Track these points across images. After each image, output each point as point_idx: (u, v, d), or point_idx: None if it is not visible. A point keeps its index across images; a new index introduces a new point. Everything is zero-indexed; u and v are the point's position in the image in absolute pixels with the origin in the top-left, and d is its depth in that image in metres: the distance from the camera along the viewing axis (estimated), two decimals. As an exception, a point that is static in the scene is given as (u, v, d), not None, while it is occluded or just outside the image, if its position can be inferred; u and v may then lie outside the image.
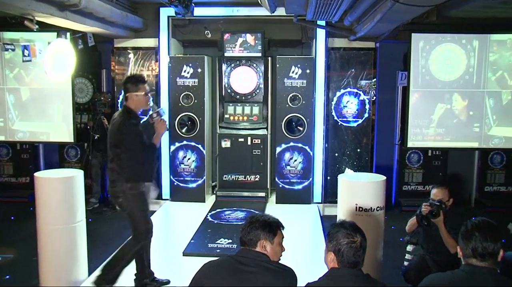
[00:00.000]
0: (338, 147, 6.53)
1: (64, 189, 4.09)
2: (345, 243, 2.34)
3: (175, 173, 6.61)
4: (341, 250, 2.33)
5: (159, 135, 3.86)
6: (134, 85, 3.81)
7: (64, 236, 4.09)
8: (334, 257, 2.36)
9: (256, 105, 6.76)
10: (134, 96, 3.79)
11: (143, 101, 3.82)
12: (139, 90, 3.80)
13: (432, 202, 3.76)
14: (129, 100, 3.81)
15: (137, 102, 3.80)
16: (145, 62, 6.61)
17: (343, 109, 6.48)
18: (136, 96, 3.78)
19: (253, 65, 6.73)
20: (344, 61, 6.44)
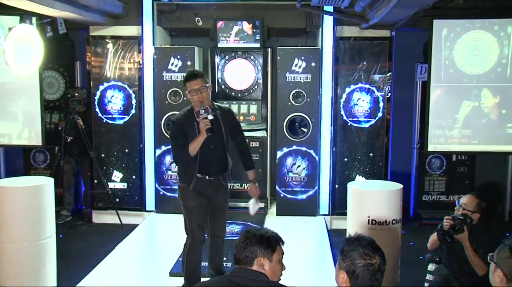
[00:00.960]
0: (348, 151, 6.52)
1: (30, 200, 4.02)
2: (362, 265, 2.31)
3: (161, 181, 6.62)
4: (356, 272, 2.31)
5: (197, 139, 4.00)
6: (184, 85, 4.07)
7: (30, 255, 4.02)
8: (346, 278, 2.32)
9: (253, 103, 6.78)
10: (187, 95, 4.09)
11: (192, 100, 4.04)
12: (186, 89, 4.06)
13: (455, 215, 3.75)
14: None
15: (191, 101, 4.07)
16: (126, 53, 6.55)
17: (353, 107, 6.46)
18: (189, 93, 4.05)
19: (250, 57, 6.74)
20: (355, 52, 6.42)
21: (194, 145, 4.01)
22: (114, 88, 6.59)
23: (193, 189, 4.11)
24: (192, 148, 4.00)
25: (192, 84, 4.03)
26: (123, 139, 6.63)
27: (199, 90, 4.02)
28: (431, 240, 3.98)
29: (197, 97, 4.01)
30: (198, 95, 4.01)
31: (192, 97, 4.03)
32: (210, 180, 4.14)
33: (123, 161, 6.66)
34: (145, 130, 6.55)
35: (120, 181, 6.68)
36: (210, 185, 4.17)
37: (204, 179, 4.12)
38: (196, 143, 3.99)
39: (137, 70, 6.58)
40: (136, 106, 6.57)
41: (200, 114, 3.96)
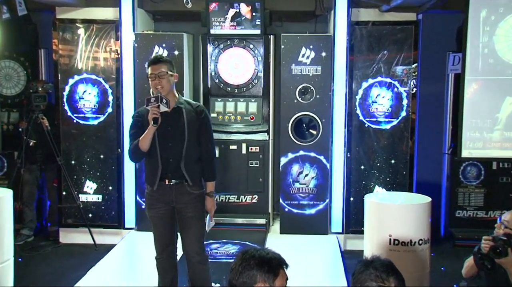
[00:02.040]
0: (365, 158, 6.51)
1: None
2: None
3: (143, 192, 6.42)
4: None
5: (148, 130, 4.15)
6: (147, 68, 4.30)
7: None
8: None
9: (253, 100, 6.80)
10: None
11: (152, 86, 4.25)
12: (148, 73, 4.27)
13: (496, 235, 3.73)
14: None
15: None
16: (101, 40, 6.52)
17: (371, 105, 6.45)
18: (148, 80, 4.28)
19: (249, 46, 6.73)
20: (374, 40, 6.40)
21: (143, 138, 4.17)
22: (87, 82, 6.56)
23: (155, 195, 4.31)
24: (141, 141, 4.17)
25: (152, 69, 4.23)
26: (98, 142, 6.61)
27: (158, 75, 4.19)
28: (466, 265, 3.95)
29: (154, 83, 4.20)
30: (156, 80, 4.19)
31: (151, 84, 4.23)
32: (169, 185, 4.29)
33: (97, 169, 6.63)
34: (124, 132, 6.49)
35: (93, 193, 6.65)
36: (171, 191, 4.31)
37: (163, 183, 4.29)
38: (145, 136, 4.16)
39: (114, 60, 6.57)
40: (113, 104, 6.56)
41: (150, 102, 4.11)
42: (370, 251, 4.01)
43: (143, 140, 4.17)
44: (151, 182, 4.32)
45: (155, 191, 4.30)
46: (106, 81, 6.56)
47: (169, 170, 4.27)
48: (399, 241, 4.04)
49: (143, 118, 4.24)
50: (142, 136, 4.18)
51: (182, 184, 4.30)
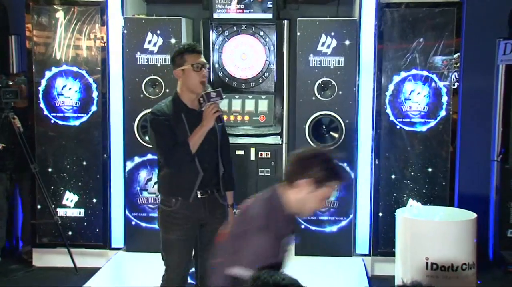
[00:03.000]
0: (397, 165, 6.43)
1: None
2: None
3: (133, 206, 6.61)
4: None
5: (200, 130, 4.27)
6: (179, 57, 4.34)
7: None
8: None
9: (263, 97, 6.75)
10: (178, 73, 4.35)
11: (192, 79, 4.31)
12: (185, 63, 4.30)
13: None
14: (178, 83, 4.42)
15: (184, 82, 4.35)
16: (83, 25, 6.45)
17: (404, 103, 6.38)
18: (183, 72, 4.32)
19: (259, 33, 6.68)
20: (407, 25, 6.31)
21: (196, 138, 4.25)
22: (67, 75, 6.51)
23: (185, 212, 4.31)
24: (193, 142, 4.25)
25: (196, 57, 4.34)
26: (80, 147, 6.57)
27: (203, 66, 4.35)
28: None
29: (201, 74, 4.31)
30: (204, 72, 4.34)
31: (195, 74, 4.30)
32: (203, 198, 4.35)
33: (79, 178, 6.59)
34: (111, 135, 6.55)
35: (74, 206, 6.60)
36: (204, 205, 4.36)
37: (196, 197, 4.34)
38: (199, 135, 4.26)
39: (99, 50, 6.53)
40: (98, 101, 6.52)
41: (210, 97, 4.26)
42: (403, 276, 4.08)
43: (198, 140, 4.26)
44: (184, 194, 4.32)
45: (184, 207, 4.31)
46: (90, 74, 6.50)
47: (205, 178, 4.36)
48: (438, 266, 4.08)
49: (169, 117, 4.32)
50: (196, 135, 4.26)
51: (213, 195, 4.41)
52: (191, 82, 4.32)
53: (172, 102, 4.39)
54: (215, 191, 4.41)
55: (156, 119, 4.35)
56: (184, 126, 4.29)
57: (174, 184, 4.38)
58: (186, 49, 4.38)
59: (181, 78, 4.35)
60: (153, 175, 6.53)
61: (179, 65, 4.34)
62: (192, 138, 4.26)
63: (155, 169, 6.41)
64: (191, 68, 4.29)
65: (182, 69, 4.31)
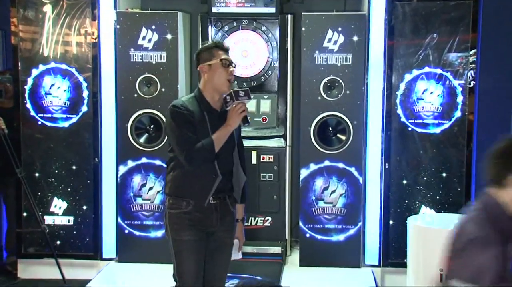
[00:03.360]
0: (408, 170, 6.40)
1: None
2: None
3: (127, 213, 6.59)
4: None
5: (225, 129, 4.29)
6: (207, 52, 4.35)
7: None
8: None
9: (265, 97, 6.78)
10: (205, 68, 4.33)
11: (219, 75, 4.30)
12: (213, 58, 4.31)
13: None
14: (201, 79, 4.40)
15: (210, 79, 4.32)
16: (73, 20, 6.42)
17: (416, 103, 6.34)
18: (209, 67, 4.30)
19: (261, 28, 6.70)
20: (420, 19, 6.26)
21: (221, 138, 4.26)
22: (55, 73, 6.48)
23: (197, 215, 4.30)
24: (218, 141, 4.24)
25: (226, 54, 4.36)
26: (69, 150, 6.54)
27: (231, 64, 4.35)
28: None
29: (229, 71, 4.31)
30: (231, 68, 4.33)
31: (223, 70, 4.29)
32: (215, 203, 4.33)
33: (68, 183, 6.56)
34: (102, 137, 6.53)
35: (63, 214, 6.57)
36: (216, 210, 4.35)
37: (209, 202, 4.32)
38: (223, 135, 4.26)
39: (90, 46, 6.51)
40: (89, 101, 6.50)
41: (239, 96, 4.26)
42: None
43: (222, 139, 4.26)
44: (199, 197, 4.29)
45: (196, 210, 4.28)
46: (80, 72, 6.48)
47: (222, 182, 4.34)
48: (456, 278, 4.07)
49: (192, 113, 4.27)
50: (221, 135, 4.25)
51: (225, 201, 4.38)
52: (217, 78, 4.29)
53: (195, 99, 4.35)
54: (227, 197, 4.39)
55: (180, 113, 4.26)
56: (206, 126, 4.25)
57: (189, 186, 4.32)
58: (215, 45, 4.40)
59: (206, 74, 4.32)
60: (148, 180, 6.55)
61: (205, 60, 4.31)
62: (216, 138, 4.23)
63: (149, 174, 6.57)
64: (219, 64, 4.28)
65: (209, 64, 4.28)
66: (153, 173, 6.55)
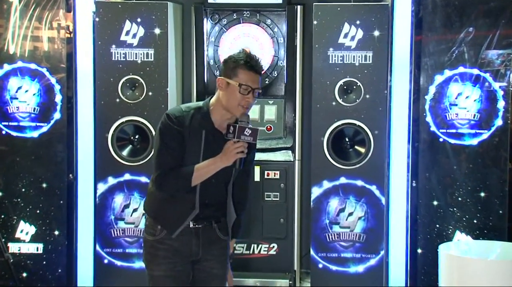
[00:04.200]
0: (440, 188, 6.32)
1: None
2: None
3: (106, 239, 6.58)
4: None
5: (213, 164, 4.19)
6: (232, 66, 4.20)
7: None
8: None
9: (271, 102, 6.79)
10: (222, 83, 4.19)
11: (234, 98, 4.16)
12: (234, 77, 4.16)
13: None
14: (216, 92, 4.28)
15: (223, 97, 4.21)
16: (44, 12, 6.37)
17: (449, 109, 6.27)
18: (227, 85, 4.17)
19: (265, 21, 6.71)
20: (454, 10, 6.19)
21: (204, 172, 4.18)
22: (23, 74, 6.46)
23: (172, 244, 4.26)
24: (199, 175, 4.17)
25: (252, 78, 4.17)
26: (39, 165, 6.51)
27: (253, 91, 4.18)
28: None
29: (246, 101, 4.16)
30: (250, 98, 4.17)
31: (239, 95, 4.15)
32: (196, 228, 4.27)
33: (37, 204, 6.51)
34: (78, 149, 6.50)
35: (31, 240, 6.53)
36: (196, 237, 4.28)
37: (188, 227, 4.27)
38: (208, 170, 4.18)
39: (64, 42, 6.48)
40: (62, 107, 6.46)
41: (244, 133, 4.16)
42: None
43: (204, 174, 4.17)
44: (170, 226, 4.25)
45: (169, 239, 4.23)
46: (52, 73, 6.44)
47: (205, 213, 4.29)
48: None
49: (183, 130, 4.20)
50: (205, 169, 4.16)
51: (210, 227, 4.32)
52: (230, 101, 4.17)
53: (198, 111, 4.25)
54: (213, 221, 4.32)
55: (168, 127, 4.19)
56: (199, 146, 4.17)
57: (161, 211, 4.29)
58: (244, 61, 4.21)
59: (222, 90, 4.20)
60: (132, 200, 6.53)
61: (227, 74, 4.19)
62: (199, 169, 4.14)
63: (133, 193, 6.62)
64: (237, 87, 4.15)
65: (227, 82, 4.16)
66: (138, 192, 6.50)
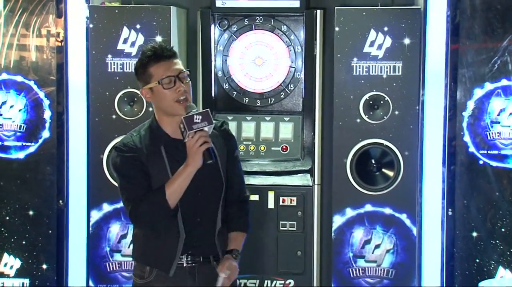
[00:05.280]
0: (480, 218, 6.07)
1: None
2: None
3: (100, 274, 6.42)
4: None
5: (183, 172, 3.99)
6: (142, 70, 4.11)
7: None
8: None
9: (287, 118, 6.59)
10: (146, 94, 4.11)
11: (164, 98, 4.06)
12: (151, 79, 4.06)
13: None
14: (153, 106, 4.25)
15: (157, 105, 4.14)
16: (31, 17, 6.26)
17: (490, 128, 6.05)
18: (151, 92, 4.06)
19: (280, 27, 6.49)
20: (495, 15, 5.94)
21: (177, 185, 3.99)
22: (8, 88, 6.32)
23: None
24: (172, 190, 3.98)
25: (166, 67, 4.03)
26: (25, 189, 6.36)
27: (179, 77, 4.01)
28: None
29: (177, 92, 4.00)
30: (179, 86, 4.01)
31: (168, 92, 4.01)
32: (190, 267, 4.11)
33: (23, 234, 6.36)
34: (69, 172, 6.34)
35: (16, 275, 6.38)
36: (193, 276, 4.13)
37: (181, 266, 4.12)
38: (181, 180, 3.99)
39: (54, 52, 6.32)
40: (51, 124, 6.32)
41: (193, 122, 3.96)
42: None
43: (178, 188, 3.98)
44: (162, 264, 4.10)
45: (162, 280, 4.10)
46: (41, 86, 6.30)
47: (195, 239, 4.12)
48: None
49: (139, 156, 4.06)
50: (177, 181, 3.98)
51: (209, 264, 4.14)
52: (163, 104, 4.06)
53: (149, 130, 4.15)
54: (211, 257, 4.12)
55: (121, 158, 4.08)
56: (163, 164, 4.00)
57: (148, 249, 4.14)
58: (147, 57, 4.10)
59: (151, 99, 4.11)
60: (129, 229, 6.34)
61: (144, 82, 4.09)
62: (170, 185, 3.95)
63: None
64: (159, 86, 4.01)
65: (149, 88, 4.04)
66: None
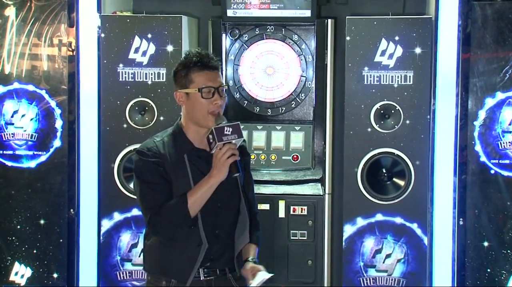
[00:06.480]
0: (491, 227, 6.08)
1: None
2: None
3: (111, 283, 6.44)
4: None
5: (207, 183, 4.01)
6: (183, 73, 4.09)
7: None
8: None
9: (298, 127, 6.62)
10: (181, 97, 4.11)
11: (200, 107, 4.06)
12: (190, 84, 4.06)
13: None
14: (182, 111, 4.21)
15: (189, 111, 4.12)
16: (43, 27, 6.25)
17: (501, 137, 6.06)
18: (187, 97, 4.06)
19: (292, 37, 6.54)
20: (506, 24, 5.97)
21: (199, 195, 3.99)
22: (20, 97, 6.33)
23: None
24: (195, 199, 3.99)
25: (209, 77, 4.04)
26: (36, 198, 6.34)
27: (218, 90, 4.04)
28: None
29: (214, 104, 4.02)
30: (217, 99, 4.03)
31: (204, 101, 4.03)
32: (209, 280, 4.13)
33: (34, 243, 6.35)
34: (80, 182, 6.34)
35: (27, 283, 6.39)
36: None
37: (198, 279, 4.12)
38: (204, 191, 4.00)
39: (65, 61, 6.31)
40: (63, 134, 6.32)
41: (224, 134, 3.97)
42: None
43: (200, 198, 3.99)
44: (179, 275, 4.10)
45: None
46: (52, 95, 6.31)
47: (213, 251, 4.14)
48: None
49: (162, 163, 4.05)
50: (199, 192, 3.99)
51: (225, 277, 4.16)
52: (197, 112, 4.04)
53: (172, 137, 4.12)
54: (227, 270, 4.13)
55: (144, 163, 4.05)
56: (186, 174, 3.98)
57: (165, 260, 4.10)
58: (193, 63, 4.06)
59: (184, 104, 4.08)
60: (140, 238, 6.36)
61: (182, 85, 4.06)
62: (193, 194, 3.93)
63: (142, 230, 6.22)
64: (197, 94, 3.98)
65: (186, 93, 4.02)
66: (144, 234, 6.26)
